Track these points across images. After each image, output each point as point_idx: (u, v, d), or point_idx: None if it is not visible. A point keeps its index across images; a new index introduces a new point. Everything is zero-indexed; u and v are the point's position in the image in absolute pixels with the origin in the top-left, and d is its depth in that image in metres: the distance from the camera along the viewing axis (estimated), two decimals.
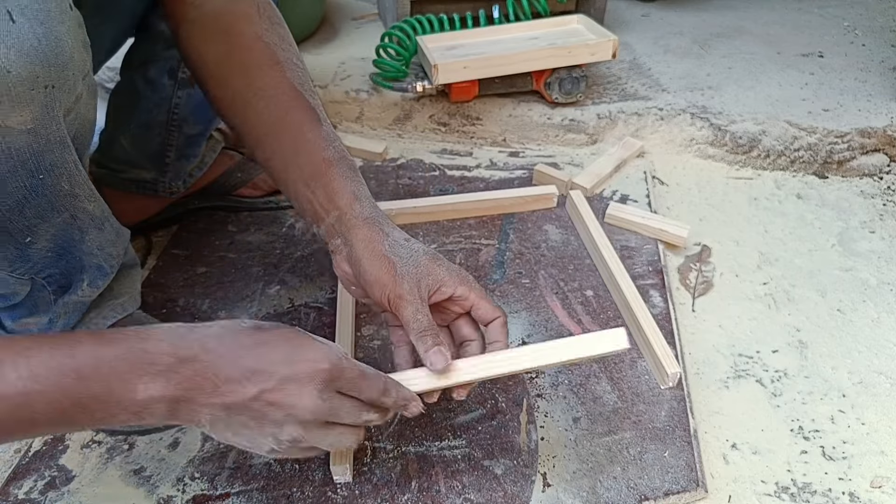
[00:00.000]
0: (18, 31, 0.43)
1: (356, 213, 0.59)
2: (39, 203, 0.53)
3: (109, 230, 0.63)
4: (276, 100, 0.62)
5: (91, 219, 0.60)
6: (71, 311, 0.65)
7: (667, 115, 1.16)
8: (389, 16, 1.36)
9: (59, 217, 0.56)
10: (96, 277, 0.65)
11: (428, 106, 1.19)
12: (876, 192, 1.11)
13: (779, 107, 1.18)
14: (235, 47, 0.63)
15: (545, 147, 1.19)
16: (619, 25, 1.51)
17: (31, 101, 0.46)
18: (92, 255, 0.62)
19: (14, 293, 0.59)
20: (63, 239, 0.58)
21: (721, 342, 0.82)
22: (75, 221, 0.58)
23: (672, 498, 0.63)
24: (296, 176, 0.61)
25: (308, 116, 0.62)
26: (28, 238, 0.54)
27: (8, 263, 0.55)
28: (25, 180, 0.50)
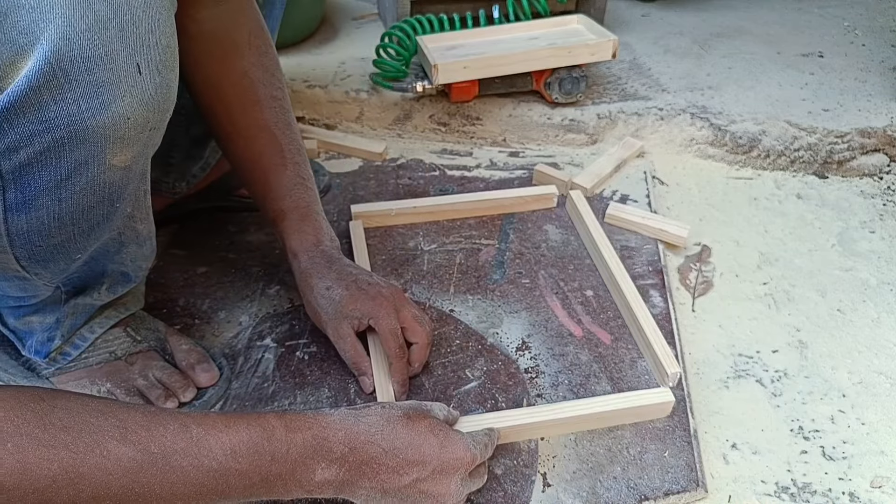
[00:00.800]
0: (143, 83, 0.46)
1: (295, 268, 0.72)
2: (105, 227, 0.55)
3: (148, 247, 0.66)
4: (251, 141, 0.72)
5: (136, 237, 0.62)
6: (80, 313, 0.65)
7: (667, 115, 1.16)
8: (389, 16, 1.36)
9: (110, 235, 0.58)
10: (118, 283, 0.66)
11: (428, 106, 1.19)
12: (876, 192, 1.11)
13: (779, 107, 1.18)
14: (223, 81, 0.71)
15: (545, 147, 1.19)
16: (619, 25, 1.51)
17: (137, 142, 0.49)
18: (122, 264, 0.63)
19: (33, 296, 0.60)
20: (100, 251, 0.59)
21: (721, 342, 0.82)
22: (120, 238, 0.60)
23: (672, 498, 0.63)
24: (266, 215, 0.74)
25: (276, 161, 0.72)
26: (79, 255, 0.56)
27: (50, 276, 0.57)
28: (106, 209, 0.53)
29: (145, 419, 0.44)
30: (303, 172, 0.74)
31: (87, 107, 0.44)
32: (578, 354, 0.76)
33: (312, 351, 0.76)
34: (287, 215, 0.72)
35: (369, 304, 0.68)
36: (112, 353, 0.68)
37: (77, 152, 0.46)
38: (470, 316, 0.81)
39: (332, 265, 0.71)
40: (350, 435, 0.51)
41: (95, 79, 0.43)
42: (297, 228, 0.72)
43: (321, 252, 0.72)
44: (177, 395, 0.68)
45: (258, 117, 0.71)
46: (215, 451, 0.45)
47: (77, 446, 0.40)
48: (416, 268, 0.88)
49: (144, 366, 0.69)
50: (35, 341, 0.65)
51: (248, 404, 0.70)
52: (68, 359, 0.67)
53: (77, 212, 0.50)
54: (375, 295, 0.69)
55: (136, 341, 0.69)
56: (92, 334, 0.67)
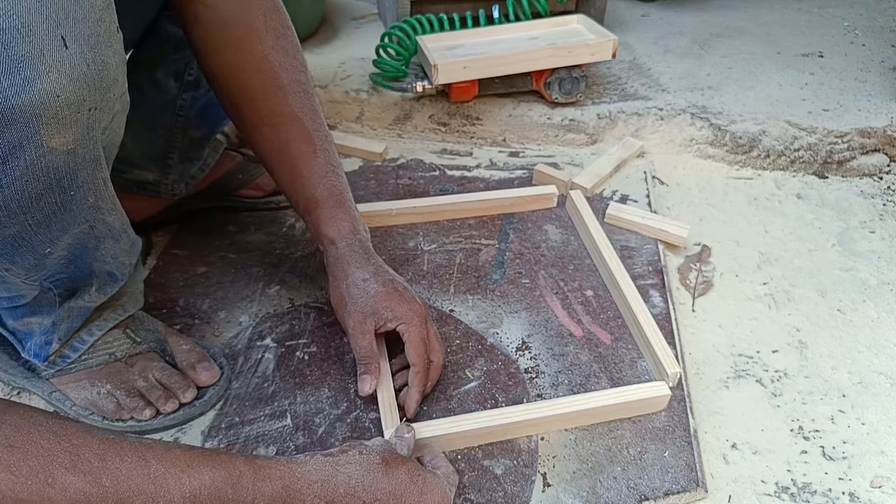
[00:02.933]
0: (71, 57, 0.44)
1: (330, 254, 0.70)
2: (65, 217, 0.53)
3: (125, 241, 0.64)
4: (278, 129, 0.69)
5: (109, 230, 0.61)
6: (75, 316, 0.65)
7: (667, 115, 1.16)
8: (389, 16, 1.36)
9: (79, 228, 0.56)
10: (106, 284, 0.65)
11: (428, 106, 1.19)
12: (876, 192, 1.11)
13: (779, 107, 1.18)
14: (243, 67, 0.68)
15: (545, 147, 1.19)
16: (618, 25, 1.51)
17: (74, 122, 0.47)
18: (104, 262, 0.62)
19: (21, 295, 0.59)
20: (78, 248, 0.58)
21: (721, 342, 0.82)
22: (93, 231, 0.58)
23: (672, 498, 0.63)
24: (296, 204, 0.72)
25: (305, 148, 0.70)
26: (48, 249, 0.55)
27: (24, 272, 0.56)
28: (57, 196, 0.51)
29: (102, 447, 0.41)
30: (332, 160, 0.72)
31: (8, 84, 0.41)
32: (578, 354, 0.76)
33: (312, 351, 0.76)
34: (321, 203, 0.70)
35: (405, 308, 0.67)
36: (112, 355, 0.68)
37: (8, 134, 0.43)
38: (470, 316, 0.81)
39: (370, 258, 0.70)
40: (327, 488, 0.48)
41: (14, 53, 0.41)
42: (333, 216, 0.70)
43: (359, 241, 0.70)
44: (177, 396, 0.68)
45: (283, 103, 0.69)
46: (173, 492, 0.42)
47: (20, 469, 0.37)
48: (416, 268, 0.88)
49: (144, 367, 0.69)
50: (33, 344, 0.65)
51: (248, 404, 0.70)
52: (67, 361, 0.67)
53: (24, 199, 0.48)
54: (411, 300, 0.68)
55: (136, 342, 0.69)
56: (91, 337, 0.67)
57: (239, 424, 0.68)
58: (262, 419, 0.69)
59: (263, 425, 0.68)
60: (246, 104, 0.69)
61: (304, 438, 0.67)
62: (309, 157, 0.70)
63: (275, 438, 0.67)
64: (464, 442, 0.66)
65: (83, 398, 0.67)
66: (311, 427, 0.68)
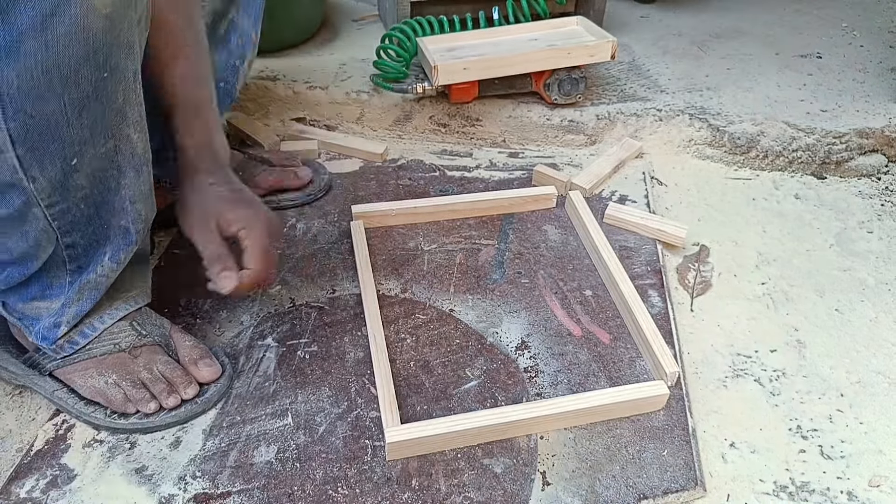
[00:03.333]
0: None
1: (179, 163, 0.70)
2: (96, 110, 0.54)
3: (146, 178, 0.64)
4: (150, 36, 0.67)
5: (132, 153, 0.60)
6: (85, 297, 0.65)
7: (665, 115, 1.17)
8: (390, 17, 1.36)
9: (105, 145, 0.56)
10: (119, 248, 0.64)
11: (428, 107, 1.20)
12: (874, 193, 1.11)
13: (777, 107, 1.19)
14: None
15: (544, 148, 1.19)
16: (618, 27, 1.52)
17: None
18: (123, 211, 0.62)
19: (34, 253, 0.59)
20: (100, 184, 0.58)
21: (719, 342, 0.82)
22: (117, 156, 0.59)
23: (671, 496, 0.63)
24: (165, 124, 0.72)
25: (169, 54, 0.68)
26: (74, 160, 0.55)
27: (49, 187, 0.55)
28: (93, 72, 0.52)
29: None
30: (200, 70, 0.71)
31: None
32: (577, 354, 0.77)
33: (313, 350, 0.77)
34: (176, 111, 0.69)
35: (249, 212, 0.67)
36: (116, 345, 0.68)
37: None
38: (470, 315, 0.82)
39: (221, 167, 0.70)
40: None
41: None
42: (188, 125, 0.69)
43: (212, 150, 0.70)
44: (179, 392, 0.68)
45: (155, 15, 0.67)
46: None
47: None
48: (417, 268, 0.89)
49: (149, 359, 0.69)
50: (42, 327, 0.65)
51: (249, 403, 0.70)
52: (75, 347, 0.67)
53: (64, 66, 0.50)
54: (258, 207, 0.69)
55: (141, 335, 0.70)
56: (101, 324, 0.67)
57: (240, 423, 0.68)
58: (263, 418, 0.69)
59: (265, 424, 0.68)
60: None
61: (305, 437, 0.67)
62: (171, 62, 0.68)
63: (276, 437, 0.67)
64: (464, 441, 0.66)
65: (90, 387, 0.67)
66: (312, 426, 0.68)
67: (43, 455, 0.66)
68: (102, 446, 0.67)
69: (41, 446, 0.66)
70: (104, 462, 0.65)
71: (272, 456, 0.65)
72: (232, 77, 0.88)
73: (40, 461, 0.65)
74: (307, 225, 0.97)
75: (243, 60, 0.88)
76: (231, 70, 0.87)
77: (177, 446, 0.66)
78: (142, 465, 0.65)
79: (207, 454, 0.66)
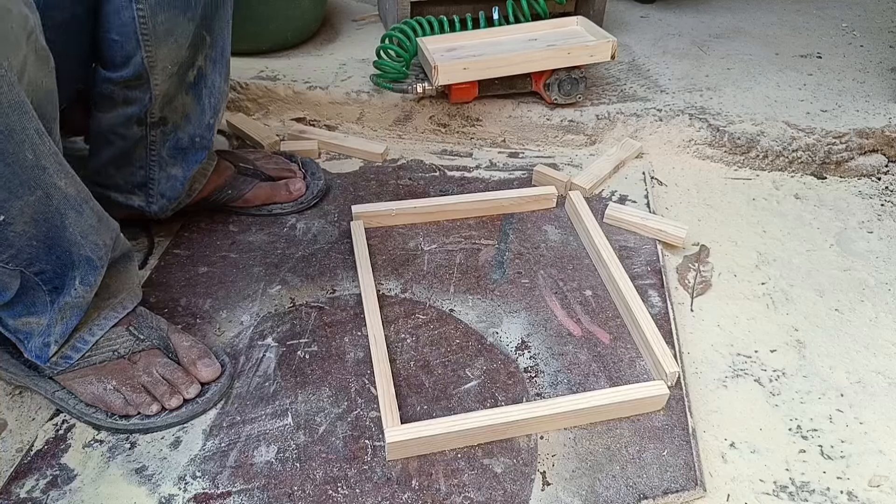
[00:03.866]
0: None
1: None
2: (3, 173, 0.53)
3: (89, 214, 0.63)
4: None
5: (65, 198, 0.60)
6: (68, 316, 0.65)
7: (665, 115, 1.17)
8: (390, 17, 1.36)
9: (32, 195, 0.56)
10: (87, 273, 0.65)
11: (428, 107, 1.20)
12: (874, 193, 1.11)
13: (777, 107, 1.19)
14: None
15: (544, 148, 1.19)
16: (617, 27, 1.52)
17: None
18: (78, 244, 0.62)
19: (4, 287, 0.59)
20: (44, 224, 0.58)
21: (719, 342, 0.82)
22: (51, 202, 0.58)
23: (671, 496, 0.63)
24: None
25: None
26: (2, 217, 0.54)
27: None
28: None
29: None
30: None
31: None
32: (577, 354, 0.77)
33: (313, 350, 0.77)
34: None
35: None
36: (115, 352, 0.68)
37: None
38: (470, 315, 0.82)
39: None
40: None
41: None
42: None
43: None
44: (180, 392, 0.69)
45: None
46: None
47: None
48: (417, 268, 0.89)
49: (148, 363, 0.69)
50: (34, 345, 0.65)
51: (249, 403, 0.70)
52: (70, 361, 0.67)
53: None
54: None
55: (139, 340, 0.70)
56: (92, 337, 0.68)
57: (240, 423, 0.68)
58: (263, 418, 0.69)
59: (265, 424, 0.68)
60: None
61: (305, 437, 0.67)
62: None
63: (276, 437, 0.67)
64: (464, 441, 0.66)
65: (90, 393, 0.68)
66: (312, 426, 0.68)
67: (43, 455, 0.66)
68: (102, 446, 0.67)
69: (41, 446, 0.66)
70: (104, 462, 0.65)
71: (272, 456, 0.65)
72: (207, 133, 0.87)
73: (40, 461, 0.65)
74: (307, 225, 0.97)
75: (216, 115, 0.87)
76: (206, 128, 0.86)
77: (177, 446, 0.66)
78: (142, 465, 0.65)
79: (207, 454, 0.66)
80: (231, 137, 1.18)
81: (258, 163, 1.00)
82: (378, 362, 0.72)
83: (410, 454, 0.65)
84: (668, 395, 0.70)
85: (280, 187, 0.98)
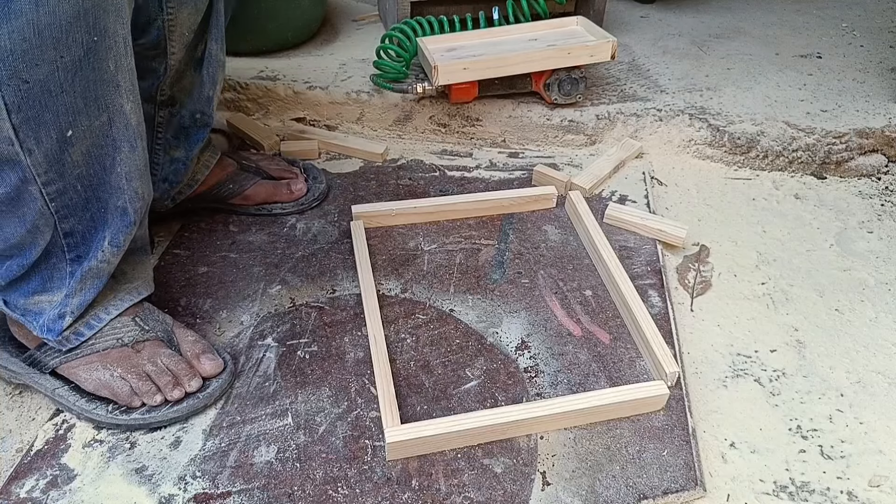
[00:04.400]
0: None
1: None
2: (88, 76, 0.53)
3: (141, 153, 0.63)
4: None
5: (126, 126, 0.60)
6: (88, 286, 0.65)
7: (665, 115, 1.17)
8: (390, 17, 1.36)
9: (98, 119, 0.56)
10: (118, 231, 0.64)
11: (428, 107, 1.20)
12: (874, 193, 1.11)
13: (777, 107, 1.19)
14: None
15: (544, 148, 1.19)
16: (617, 27, 1.52)
17: None
18: (120, 190, 0.62)
19: (31, 240, 0.58)
20: (95, 162, 0.58)
21: (719, 342, 0.82)
22: (111, 130, 0.58)
23: (671, 496, 0.63)
24: None
25: None
26: (70, 132, 0.54)
27: (45, 161, 0.55)
28: (84, 35, 0.51)
29: None
30: None
31: None
32: (577, 354, 0.77)
33: (313, 350, 0.77)
34: None
35: None
36: (119, 340, 0.68)
37: None
38: (470, 316, 0.82)
39: None
40: None
41: None
42: None
43: None
44: (182, 384, 0.69)
45: None
46: None
47: None
48: (417, 268, 0.89)
49: (152, 353, 0.69)
50: (46, 319, 0.65)
51: (249, 403, 0.70)
52: (81, 339, 0.67)
53: (55, 25, 0.49)
54: None
55: (144, 330, 0.70)
56: (107, 315, 0.68)
57: (240, 423, 0.68)
58: (263, 418, 0.69)
59: (265, 424, 0.68)
60: None
61: (305, 437, 0.67)
62: None
63: (276, 437, 0.67)
64: (464, 441, 0.66)
65: (95, 380, 0.67)
66: (312, 426, 0.68)
67: (43, 455, 0.66)
68: (102, 446, 0.67)
69: (41, 446, 0.66)
70: (104, 462, 0.65)
71: (272, 456, 0.65)
72: (208, 108, 0.87)
73: (40, 461, 0.65)
74: (307, 225, 0.97)
75: (215, 86, 0.87)
76: (206, 101, 0.86)
77: (177, 446, 0.66)
78: (142, 465, 0.65)
79: (207, 454, 0.66)
80: (231, 137, 1.18)
81: (261, 163, 1.00)
82: (378, 362, 0.72)
83: (410, 454, 0.65)
84: (668, 395, 0.70)
85: (282, 186, 0.98)
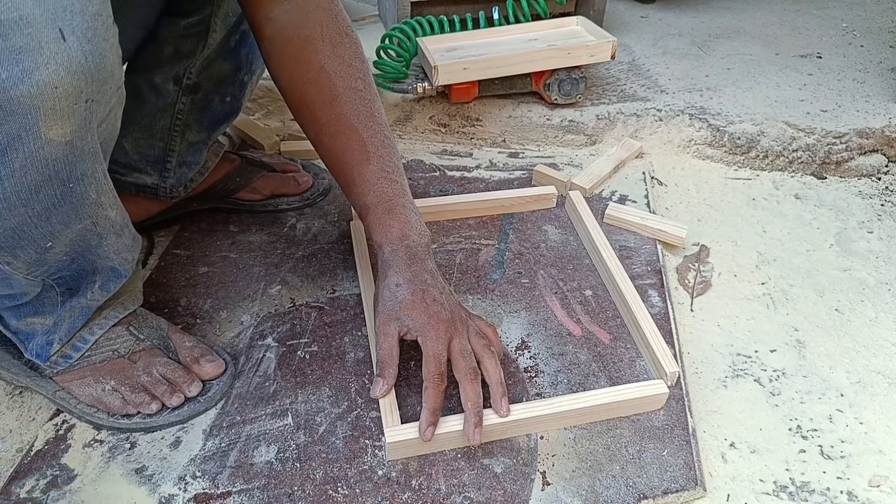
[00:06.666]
0: (68, 49, 0.45)
1: (378, 258, 0.71)
2: (65, 210, 0.54)
3: (127, 236, 0.65)
4: (334, 138, 0.72)
5: (111, 225, 0.61)
6: (77, 316, 0.65)
7: (665, 115, 1.17)
8: (390, 17, 1.36)
9: (81, 224, 0.57)
10: (109, 280, 0.65)
11: (428, 107, 1.20)
12: (874, 193, 1.11)
13: (777, 107, 1.19)
14: (302, 78, 0.71)
15: (544, 148, 1.19)
16: (618, 27, 1.52)
17: (72, 114, 0.48)
18: (108, 258, 0.63)
19: (24, 293, 0.60)
20: (80, 244, 0.59)
21: (719, 342, 0.82)
22: (95, 228, 0.59)
23: (671, 496, 0.63)
24: (355, 209, 0.75)
25: (359, 156, 0.72)
26: (49, 243, 0.55)
27: (25, 267, 0.56)
28: (56, 188, 0.51)
29: None
30: (387, 165, 0.72)
31: (7, 75, 0.42)
32: (577, 354, 0.77)
33: (314, 350, 0.77)
34: (371, 210, 0.71)
35: (423, 319, 0.65)
36: (115, 352, 0.68)
37: (7, 125, 0.44)
38: None
39: (412, 264, 0.69)
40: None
41: (12, 44, 0.42)
42: (382, 223, 0.71)
43: (406, 247, 0.70)
44: (182, 390, 0.69)
45: (338, 112, 0.71)
46: None
47: None
48: None
49: (148, 363, 0.69)
50: (35, 344, 0.65)
51: (249, 403, 0.70)
52: (69, 361, 0.67)
53: (24, 191, 0.49)
54: (435, 314, 0.66)
55: (139, 339, 0.70)
56: (92, 336, 0.67)
57: (241, 423, 0.68)
58: (263, 418, 0.69)
59: (265, 424, 0.68)
60: (307, 115, 0.72)
61: (305, 437, 0.67)
62: (362, 164, 0.71)
63: (276, 437, 0.67)
64: (464, 441, 0.66)
65: (88, 395, 0.68)
66: (312, 426, 0.68)
67: (43, 455, 0.66)
68: (102, 446, 0.67)
69: (41, 446, 0.66)
70: (104, 462, 0.65)
71: (272, 456, 0.65)
72: (239, 92, 0.87)
73: (40, 461, 0.65)
74: (307, 225, 0.97)
75: (252, 75, 0.87)
76: (239, 85, 0.86)
77: (177, 446, 0.66)
78: (142, 465, 0.65)
79: (207, 454, 0.66)
80: (232, 138, 1.18)
81: (263, 159, 1.01)
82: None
83: (410, 454, 0.65)
84: (667, 394, 0.70)
85: (288, 179, 0.99)
